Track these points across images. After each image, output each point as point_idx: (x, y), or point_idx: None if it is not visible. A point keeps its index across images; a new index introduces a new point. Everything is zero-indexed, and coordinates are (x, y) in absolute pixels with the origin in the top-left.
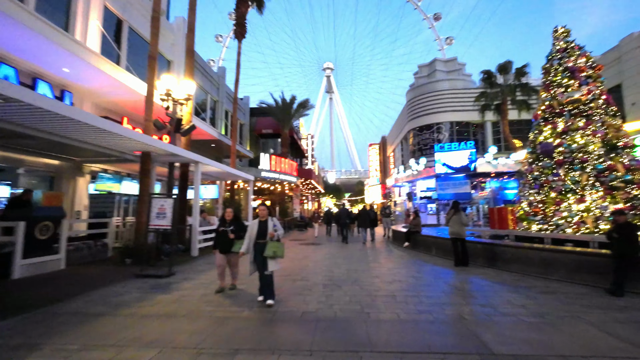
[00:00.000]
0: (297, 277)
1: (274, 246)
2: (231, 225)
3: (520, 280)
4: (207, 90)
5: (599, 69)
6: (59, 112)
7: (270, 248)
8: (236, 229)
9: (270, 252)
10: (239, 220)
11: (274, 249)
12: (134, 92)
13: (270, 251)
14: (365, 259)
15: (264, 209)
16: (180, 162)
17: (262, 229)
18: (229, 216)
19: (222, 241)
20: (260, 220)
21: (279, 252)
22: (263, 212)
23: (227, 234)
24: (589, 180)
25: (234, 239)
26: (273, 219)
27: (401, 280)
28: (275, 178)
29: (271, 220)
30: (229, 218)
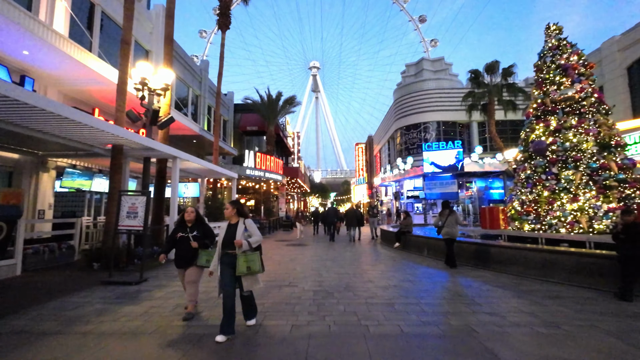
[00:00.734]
0: (284, 283)
1: (246, 259)
2: (194, 230)
3: (520, 284)
4: (188, 84)
5: (591, 66)
6: (11, 96)
7: (242, 263)
8: (201, 235)
9: (243, 269)
10: (204, 224)
11: (247, 264)
12: (107, 81)
13: (242, 267)
14: (355, 261)
15: (230, 208)
16: (157, 158)
17: (229, 235)
18: (190, 217)
19: (180, 251)
20: (229, 223)
21: (254, 266)
22: (229, 212)
23: (189, 242)
24: (582, 179)
25: (197, 248)
26: (246, 222)
27: (397, 285)
28: (260, 176)
29: (243, 223)
30: (190, 220)
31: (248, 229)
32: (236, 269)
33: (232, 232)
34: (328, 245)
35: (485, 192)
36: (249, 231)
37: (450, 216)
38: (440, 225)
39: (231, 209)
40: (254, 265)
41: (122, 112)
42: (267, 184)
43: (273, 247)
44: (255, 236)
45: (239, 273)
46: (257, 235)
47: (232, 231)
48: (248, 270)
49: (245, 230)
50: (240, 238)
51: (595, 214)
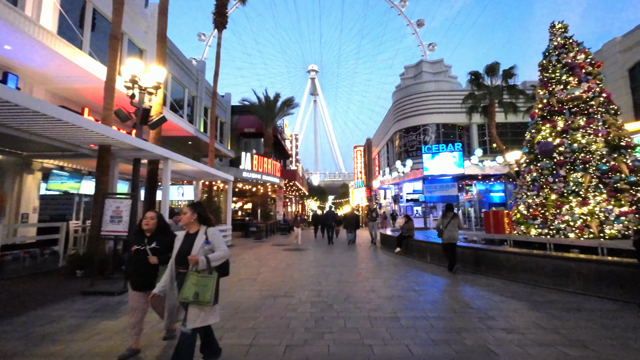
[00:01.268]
0: (280, 293)
1: (197, 281)
2: (153, 241)
3: (533, 294)
4: (184, 84)
5: (598, 65)
6: None
7: (189, 285)
8: (162, 248)
9: (188, 293)
10: (168, 233)
11: (195, 288)
12: (97, 79)
13: (189, 291)
14: (356, 267)
15: (189, 213)
16: (148, 159)
17: (185, 248)
18: (149, 226)
19: (136, 268)
20: (187, 232)
21: (204, 294)
22: (187, 218)
23: (146, 256)
24: (592, 182)
25: (158, 264)
26: (209, 231)
27: (401, 295)
28: (257, 179)
29: (204, 233)
30: (149, 229)
31: (210, 240)
32: (180, 292)
33: (189, 245)
34: (327, 250)
35: (486, 196)
36: (211, 244)
37: (453, 219)
38: (442, 229)
39: (190, 214)
40: (204, 292)
41: (110, 110)
42: (264, 186)
43: (269, 252)
44: (219, 251)
45: (181, 298)
46: (221, 250)
47: (189, 243)
48: (195, 297)
49: (206, 242)
50: (198, 253)
51: (606, 218)
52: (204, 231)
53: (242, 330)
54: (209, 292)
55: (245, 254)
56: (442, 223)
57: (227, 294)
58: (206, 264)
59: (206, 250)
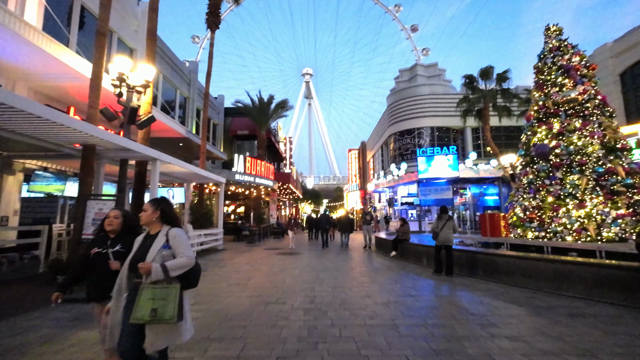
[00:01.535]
0: (271, 299)
1: (154, 295)
2: (118, 244)
3: (534, 299)
4: (176, 85)
5: (593, 68)
6: None
7: (144, 301)
8: (128, 252)
9: (143, 312)
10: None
11: (151, 304)
12: (84, 77)
13: (144, 308)
14: (351, 271)
15: (150, 210)
16: (136, 160)
17: (140, 253)
18: (114, 226)
19: (95, 276)
20: (147, 234)
21: (163, 310)
22: (147, 216)
23: (107, 261)
24: (588, 184)
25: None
26: (170, 232)
27: (398, 301)
28: (250, 182)
29: (165, 235)
30: (113, 229)
31: (171, 244)
32: (134, 309)
33: (145, 249)
34: (321, 254)
35: (480, 199)
36: (171, 248)
37: (449, 222)
38: (438, 232)
39: (151, 211)
40: (164, 308)
41: (96, 108)
42: (257, 189)
43: (262, 256)
44: (181, 258)
45: (134, 319)
46: (184, 256)
47: (146, 247)
48: (152, 315)
49: (165, 246)
50: (153, 259)
51: (603, 220)
52: (165, 232)
53: (229, 340)
54: (170, 306)
55: (237, 258)
56: (437, 226)
57: (215, 300)
58: (162, 274)
59: (165, 256)
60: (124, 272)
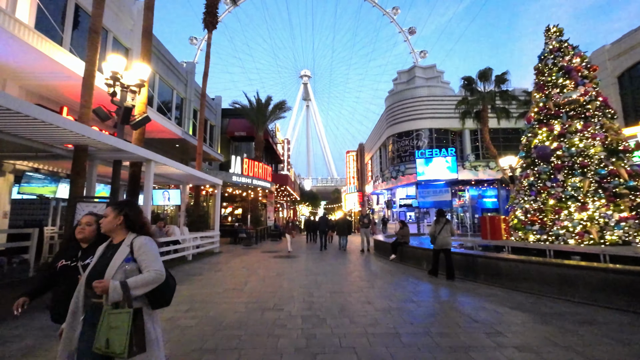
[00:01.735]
0: (268, 305)
1: (109, 322)
2: (89, 256)
3: (539, 304)
4: (172, 86)
5: (594, 69)
6: None
7: (103, 329)
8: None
9: (100, 341)
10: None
11: (108, 332)
12: (77, 76)
13: (100, 337)
14: (349, 275)
15: (111, 215)
16: (129, 160)
17: (100, 267)
18: (86, 234)
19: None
20: (109, 243)
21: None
22: (109, 222)
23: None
24: (591, 187)
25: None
26: (136, 242)
27: (399, 307)
28: (247, 183)
29: (128, 245)
30: (85, 238)
31: (136, 255)
32: (96, 337)
33: (105, 262)
34: (319, 257)
35: (479, 201)
36: (137, 261)
37: (446, 225)
38: (437, 235)
39: (113, 217)
40: (114, 338)
41: (88, 108)
42: (254, 191)
43: (259, 260)
44: (147, 273)
45: (95, 348)
46: (152, 271)
47: (106, 260)
48: (106, 347)
49: (128, 259)
50: (113, 274)
51: (606, 223)
52: (130, 242)
53: (223, 351)
54: (120, 337)
55: (233, 261)
56: (435, 230)
57: (209, 306)
58: (121, 293)
59: (128, 271)
60: (80, 290)
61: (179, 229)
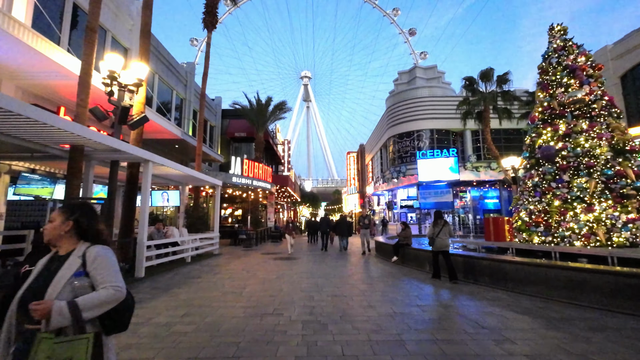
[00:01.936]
0: (267, 310)
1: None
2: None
3: (547, 309)
4: (172, 86)
5: (599, 68)
6: None
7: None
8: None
9: None
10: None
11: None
12: (74, 75)
13: None
14: (351, 278)
15: (58, 220)
16: (126, 161)
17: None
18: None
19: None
20: (53, 255)
21: None
22: (54, 229)
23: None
24: (597, 187)
25: None
26: (89, 252)
27: (403, 312)
28: (247, 184)
29: (80, 257)
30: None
31: (89, 269)
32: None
33: (48, 278)
34: (319, 259)
35: (480, 202)
36: (90, 275)
37: (445, 227)
38: (435, 237)
39: (60, 222)
40: None
41: (85, 107)
42: (255, 192)
43: (259, 262)
44: (103, 290)
45: None
46: (109, 287)
47: (48, 275)
48: None
49: (79, 273)
50: (58, 293)
51: (613, 225)
52: (81, 254)
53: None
54: None
55: (233, 263)
56: (434, 232)
57: (207, 311)
58: (69, 318)
59: (77, 288)
60: (12, 314)
61: (177, 231)
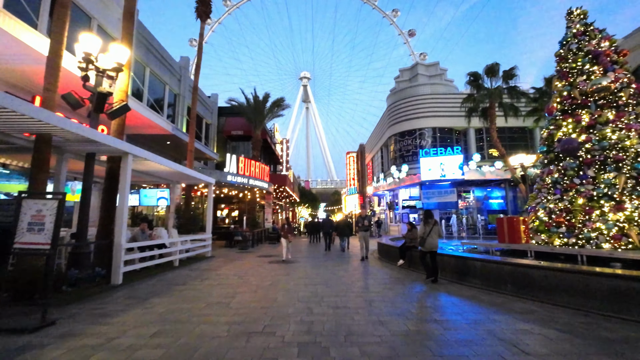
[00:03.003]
0: (256, 327)
1: None
2: None
3: (592, 324)
4: (165, 81)
5: (625, 54)
6: None
7: None
8: None
9: None
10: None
11: None
12: None
13: None
14: (354, 285)
15: None
16: (104, 154)
17: None
18: None
19: None
20: None
21: None
22: None
23: None
24: (627, 184)
25: None
26: None
27: (421, 329)
28: (243, 183)
29: None
30: None
31: None
32: None
33: None
34: (319, 262)
35: (484, 202)
36: None
37: (435, 227)
38: (425, 237)
39: None
40: None
41: (53, 92)
42: (251, 192)
43: (253, 265)
44: None
45: None
46: None
47: None
48: None
49: None
50: None
51: None
52: None
53: None
54: None
55: (225, 267)
56: (425, 231)
57: (184, 329)
58: None
59: None
60: None
61: (166, 232)
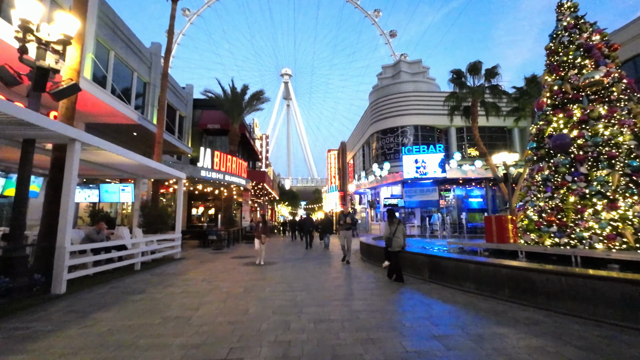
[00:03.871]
0: (220, 353)
1: None
2: None
3: (611, 338)
4: (133, 68)
5: (615, 48)
6: None
7: None
8: None
9: None
10: None
11: None
12: None
13: None
14: (338, 291)
15: None
16: (47, 141)
17: None
18: None
19: None
20: None
21: None
22: None
23: None
24: (621, 181)
25: None
26: None
27: (420, 350)
28: (219, 179)
29: None
30: None
31: None
32: None
33: None
34: (299, 263)
35: (464, 201)
36: None
37: (399, 226)
38: (391, 237)
39: None
40: None
41: None
42: (228, 189)
43: (226, 268)
44: None
45: None
46: None
47: None
48: None
49: None
50: None
51: None
52: None
53: None
54: None
55: (194, 271)
56: (391, 231)
57: (124, 356)
58: None
59: None
60: None
61: (129, 232)
